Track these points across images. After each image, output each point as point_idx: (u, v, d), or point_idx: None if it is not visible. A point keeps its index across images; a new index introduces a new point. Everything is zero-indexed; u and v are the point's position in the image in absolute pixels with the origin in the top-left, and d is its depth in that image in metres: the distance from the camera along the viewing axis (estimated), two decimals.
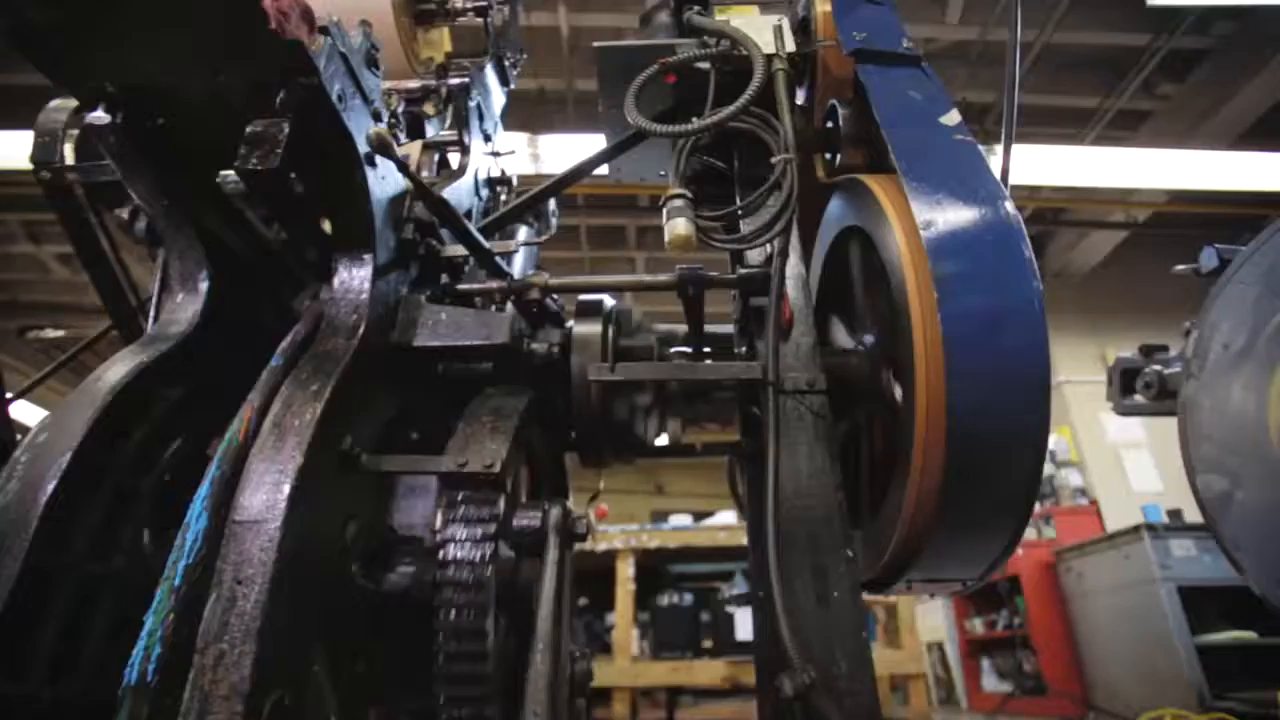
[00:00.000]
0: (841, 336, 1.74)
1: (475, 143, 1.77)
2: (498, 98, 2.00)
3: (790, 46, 1.64)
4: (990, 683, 7.01)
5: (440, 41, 2.06)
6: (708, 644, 5.21)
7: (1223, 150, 5.72)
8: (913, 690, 4.80)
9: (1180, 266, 2.94)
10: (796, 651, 1.11)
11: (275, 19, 0.92)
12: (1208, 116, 5.64)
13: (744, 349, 1.65)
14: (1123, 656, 5.12)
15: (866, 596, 1.57)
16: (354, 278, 1.24)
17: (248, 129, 1.08)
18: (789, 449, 1.36)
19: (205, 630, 0.87)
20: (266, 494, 0.95)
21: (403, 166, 1.20)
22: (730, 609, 5.17)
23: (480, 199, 1.80)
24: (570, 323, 1.54)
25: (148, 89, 1.13)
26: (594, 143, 5.32)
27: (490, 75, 1.93)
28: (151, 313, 1.49)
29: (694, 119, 1.49)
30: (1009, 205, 1.23)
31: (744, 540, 5.48)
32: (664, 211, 1.37)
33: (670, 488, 14.68)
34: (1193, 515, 5.50)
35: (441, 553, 1.09)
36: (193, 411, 1.30)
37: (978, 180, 1.29)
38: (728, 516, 6.66)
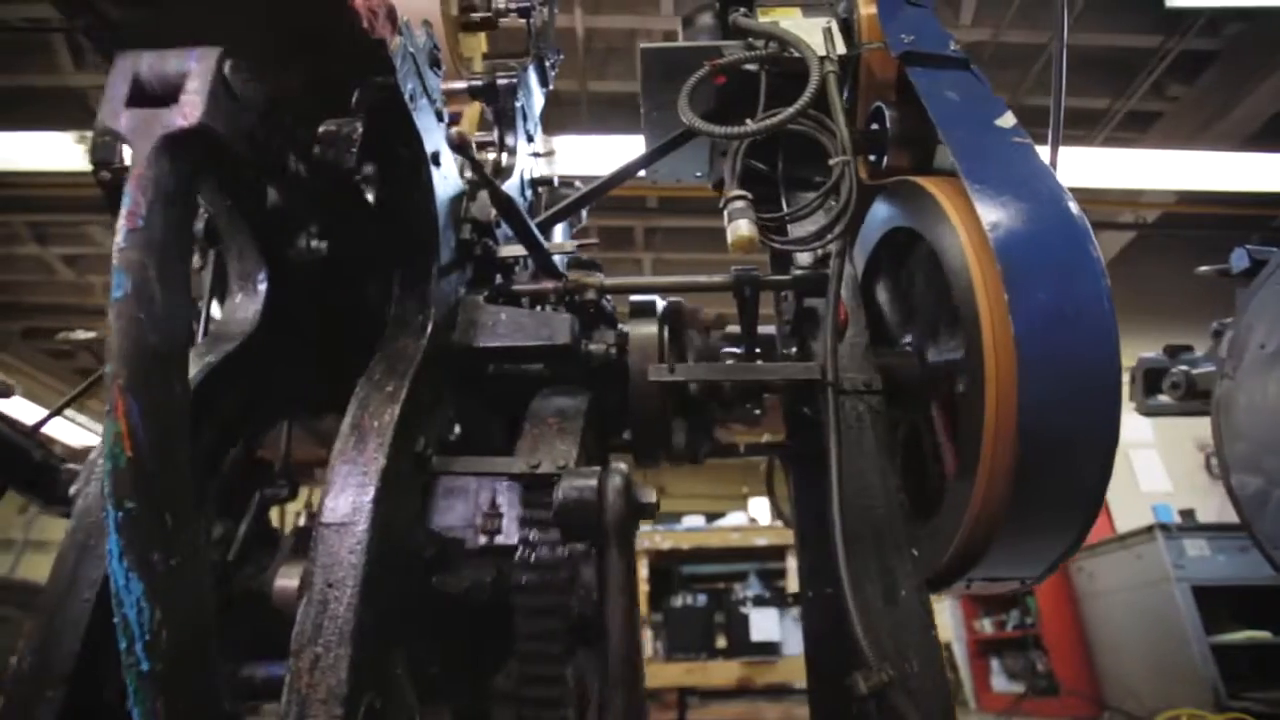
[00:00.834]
0: (882, 337, 1.74)
1: (520, 143, 1.77)
2: (538, 99, 2.00)
3: (841, 49, 1.64)
4: (1000, 683, 7.02)
5: (477, 42, 2.06)
6: (721, 645, 5.21)
7: (1232, 151, 5.74)
8: None
9: (1205, 268, 2.94)
10: (872, 649, 1.11)
11: (367, 18, 0.92)
12: (1217, 118, 5.66)
13: (793, 349, 1.65)
14: (1136, 656, 5.13)
15: None
16: (416, 278, 1.24)
17: (320, 128, 1.07)
18: (849, 449, 1.36)
19: (299, 634, 0.86)
20: (352, 496, 0.95)
21: (477, 167, 1.20)
22: (745, 610, 5.17)
23: (525, 199, 1.80)
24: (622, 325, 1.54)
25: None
26: (607, 144, 5.35)
27: (532, 76, 1.93)
28: (203, 313, 1.48)
29: (747, 120, 1.50)
30: (1074, 204, 1.24)
31: (757, 541, 5.51)
32: (725, 213, 1.37)
33: (672, 489, 14.68)
34: (1204, 515, 5.51)
35: (520, 555, 1.09)
36: (251, 413, 1.30)
37: (1040, 181, 1.29)
38: (739, 517, 6.67)
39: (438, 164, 1.22)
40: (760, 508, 8.56)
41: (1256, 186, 5.63)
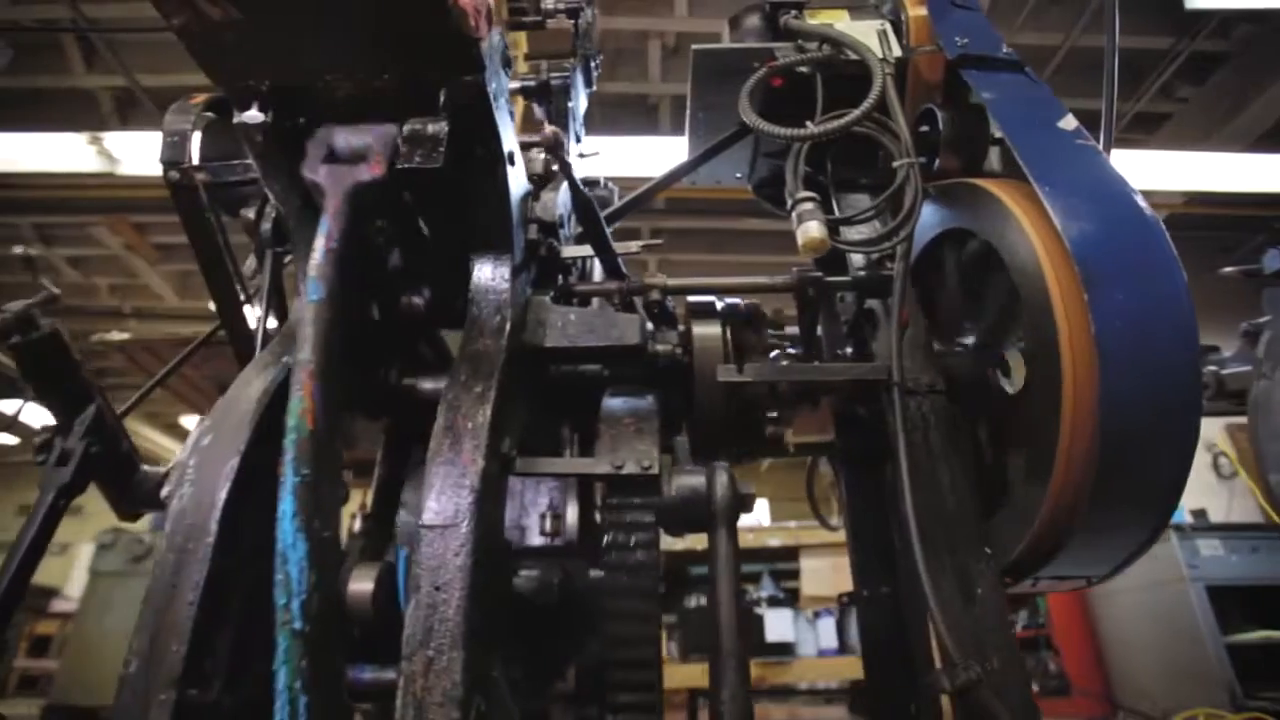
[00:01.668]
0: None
1: (570, 143, 1.77)
2: (583, 100, 2.00)
3: (897, 51, 1.65)
4: None
5: (519, 42, 2.07)
6: None
7: (1242, 153, 5.77)
8: None
9: (1230, 269, 2.96)
10: (956, 647, 1.12)
11: (473, 17, 0.93)
12: (1227, 119, 5.69)
13: (848, 350, 1.66)
14: (1150, 656, 5.15)
15: None
16: (495, 278, 1.24)
17: (406, 128, 1.07)
18: (916, 448, 1.37)
19: (410, 636, 0.87)
20: (452, 497, 0.95)
21: (565, 166, 1.20)
22: (759, 610, 5.18)
23: None
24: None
25: (299, 88, 1.12)
26: (617, 145, 5.35)
27: (579, 77, 1.93)
28: (262, 312, 1.48)
29: (808, 123, 1.50)
30: (1146, 205, 1.24)
31: (770, 542, 5.51)
32: (794, 215, 1.37)
33: None
34: (1214, 515, 5.54)
35: (609, 556, 1.09)
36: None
37: (1110, 182, 1.30)
38: (749, 518, 6.67)
39: (512, 163, 1.23)
40: (761, 510, 8.57)
41: (1266, 188, 5.66)
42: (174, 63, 5.74)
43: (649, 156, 4.82)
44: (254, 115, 1.11)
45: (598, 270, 1.77)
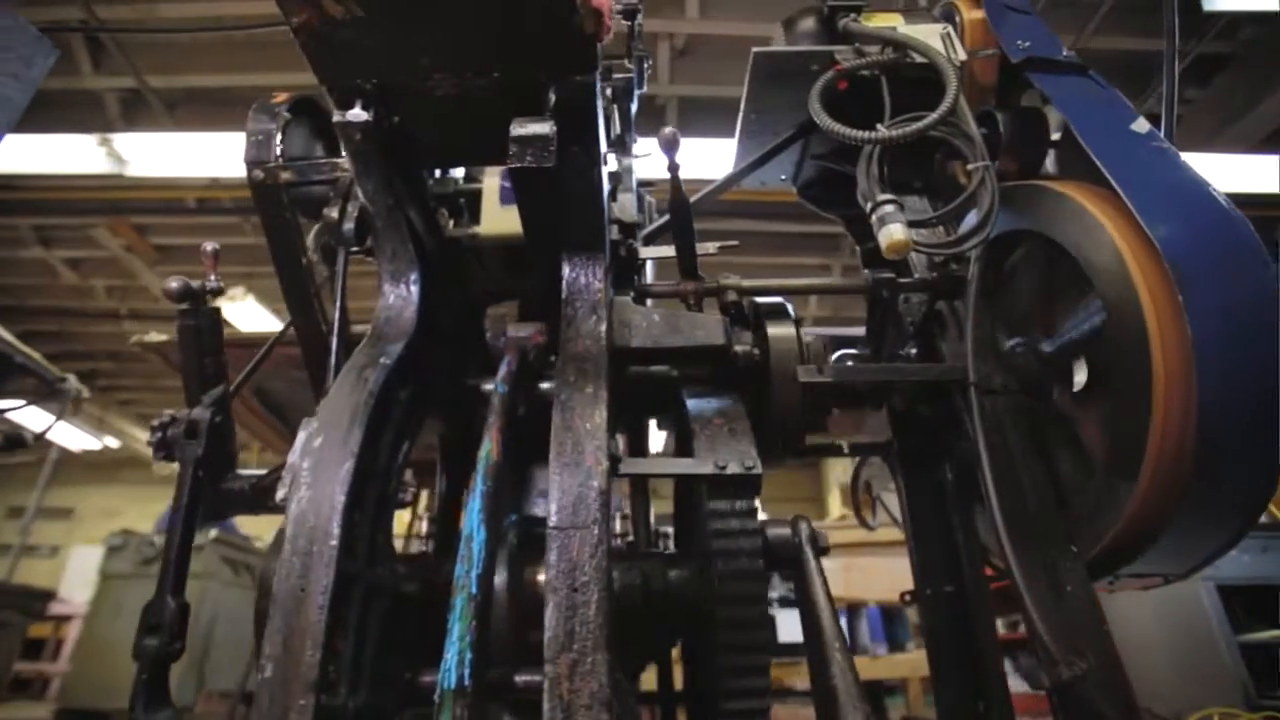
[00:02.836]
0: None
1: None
2: (635, 101, 2.01)
3: (962, 55, 1.66)
4: (1015, 684, 7.05)
5: None
6: None
7: (1248, 154, 5.83)
8: None
9: None
10: (1055, 644, 1.13)
11: (608, 16, 0.93)
12: (1233, 120, 5.74)
13: (914, 350, 1.67)
14: (1161, 655, 5.17)
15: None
16: (589, 278, 1.25)
17: (514, 129, 1.07)
18: (996, 448, 1.38)
19: (552, 638, 0.87)
20: (579, 499, 0.95)
21: (674, 168, 1.20)
22: (772, 610, 5.18)
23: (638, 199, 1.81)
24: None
25: (400, 87, 1.12)
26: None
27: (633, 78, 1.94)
28: (337, 312, 1.47)
29: (878, 126, 1.51)
30: (1233, 208, 1.26)
31: None
32: (875, 217, 1.38)
33: (665, 489, 14.64)
34: None
35: (715, 552, 1.10)
36: (414, 413, 1.31)
37: (1195, 184, 1.32)
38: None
39: (605, 163, 1.23)
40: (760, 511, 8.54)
41: (1271, 189, 5.72)
42: (184, 63, 5.72)
43: (656, 157, 4.81)
44: (358, 114, 1.11)
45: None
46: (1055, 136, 1.72)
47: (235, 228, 7.69)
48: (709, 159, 5.21)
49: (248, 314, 8.28)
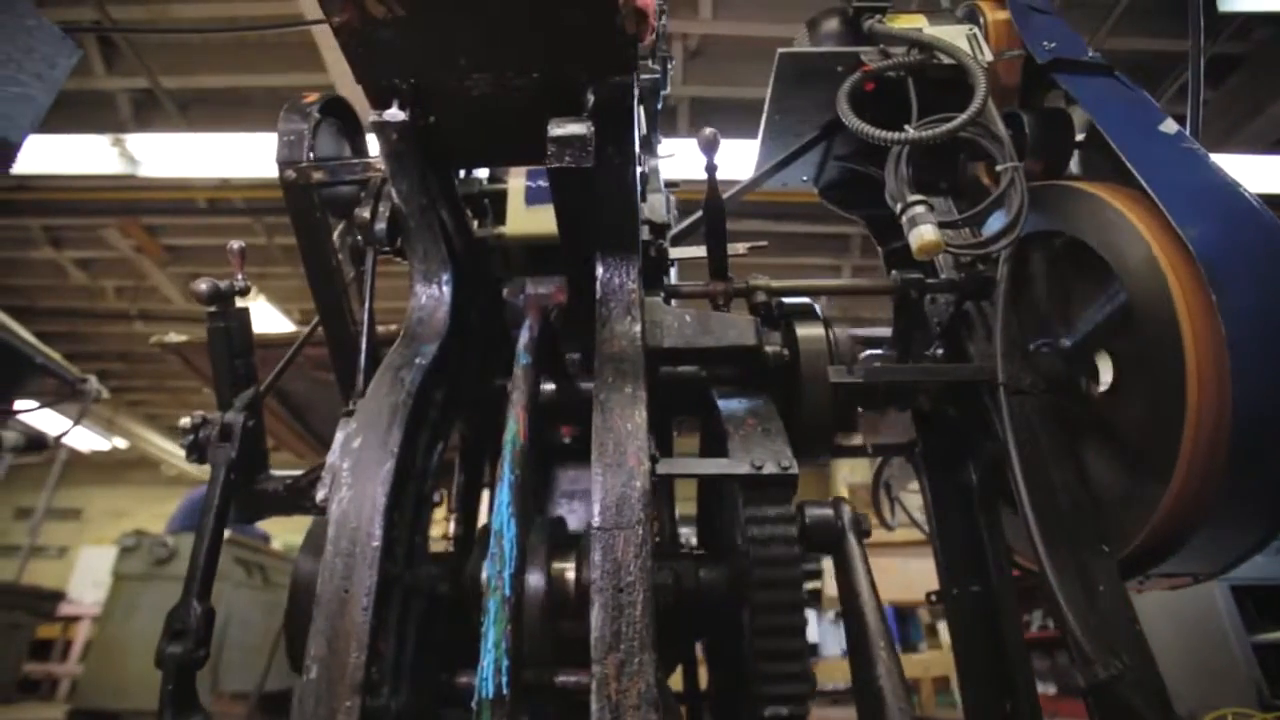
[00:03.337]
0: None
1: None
2: (660, 101, 2.01)
3: (988, 56, 1.66)
4: None
5: None
6: None
7: (1260, 155, 5.81)
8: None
9: None
10: (1090, 644, 1.13)
11: (652, 17, 0.93)
12: (1245, 121, 5.72)
13: (940, 351, 1.67)
14: (1175, 656, 5.15)
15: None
16: (623, 278, 1.25)
17: (552, 129, 1.07)
18: (1026, 448, 1.38)
19: (599, 639, 0.87)
20: (622, 500, 0.95)
21: (712, 170, 1.20)
22: None
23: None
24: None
25: (437, 87, 1.12)
26: None
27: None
28: (366, 313, 1.48)
29: (906, 127, 1.51)
30: (1265, 209, 1.26)
31: None
32: (906, 219, 1.38)
33: (683, 490, 14.62)
34: None
35: (753, 553, 1.10)
36: (447, 413, 1.31)
37: (1226, 185, 1.32)
38: None
39: (639, 164, 1.23)
40: None
41: None
42: (196, 64, 5.73)
43: (676, 158, 4.82)
44: (395, 113, 1.11)
45: None
46: (1079, 137, 1.72)
47: (246, 228, 7.70)
48: (723, 159, 5.20)
49: (259, 314, 8.30)
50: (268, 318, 8.41)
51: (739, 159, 5.27)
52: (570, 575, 1.04)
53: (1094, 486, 1.48)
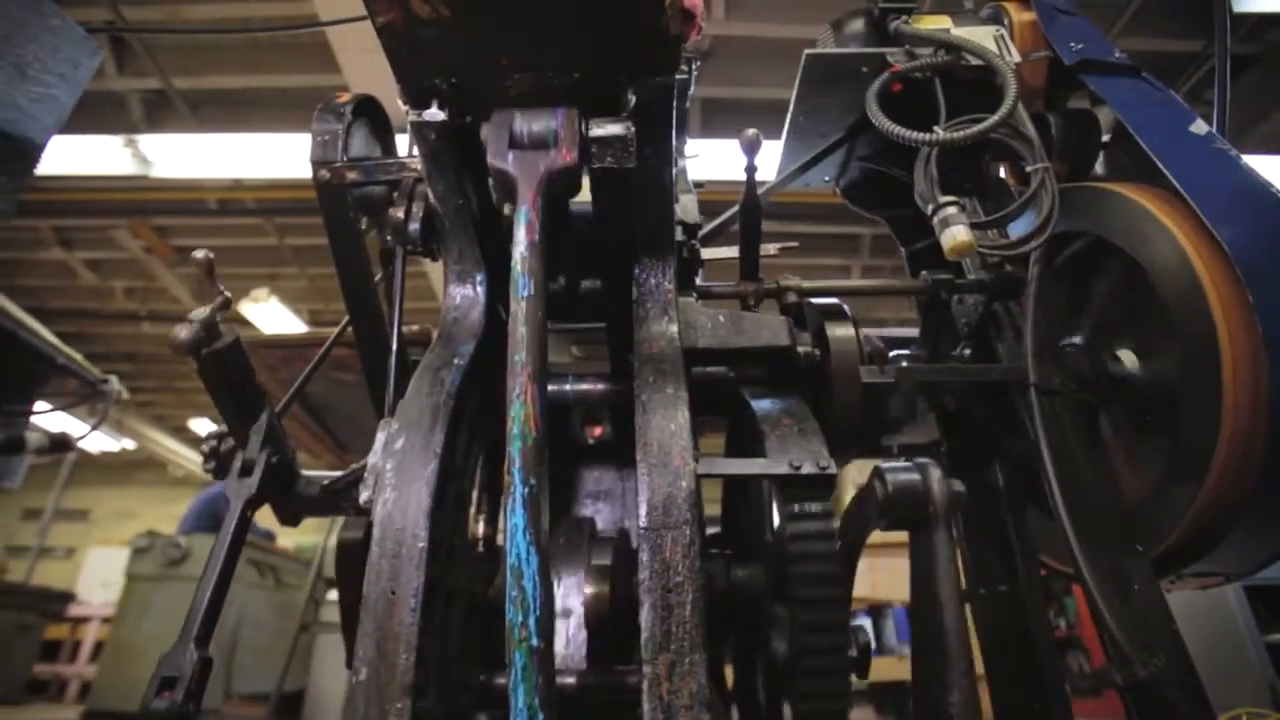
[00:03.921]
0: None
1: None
2: (688, 102, 2.01)
3: (1016, 57, 1.66)
4: None
5: None
6: None
7: (1272, 155, 5.80)
8: None
9: None
10: (1129, 641, 1.13)
11: (700, 18, 0.94)
12: (1257, 122, 5.73)
13: (967, 351, 1.67)
14: None
15: None
16: (659, 278, 1.26)
17: (593, 129, 1.07)
18: (1057, 448, 1.38)
19: (649, 639, 0.87)
20: (670, 499, 0.95)
21: (752, 170, 1.21)
22: None
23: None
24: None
25: (477, 87, 1.12)
26: None
27: None
28: (396, 313, 1.48)
29: (936, 129, 1.52)
30: None
31: None
32: (937, 220, 1.39)
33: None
34: None
35: (792, 550, 1.10)
36: (483, 414, 1.32)
37: (1257, 186, 1.32)
38: None
39: (675, 164, 1.24)
40: None
41: None
42: (208, 64, 5.76)
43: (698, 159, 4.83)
44: (434, 113, 1.11)
45: None
46: (1105, 138, 1.73)
47: (257, 229, 7.73)
48: (736, 160, 5.21)
49: (271, 315, 8.32)
50: (279, 318, 8.43)
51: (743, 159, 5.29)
52: (606, 587, 1.02)
53: (1123, 486, 1.49)
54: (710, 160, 4.55)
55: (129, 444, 13.57)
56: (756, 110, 5.27)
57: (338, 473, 1.30)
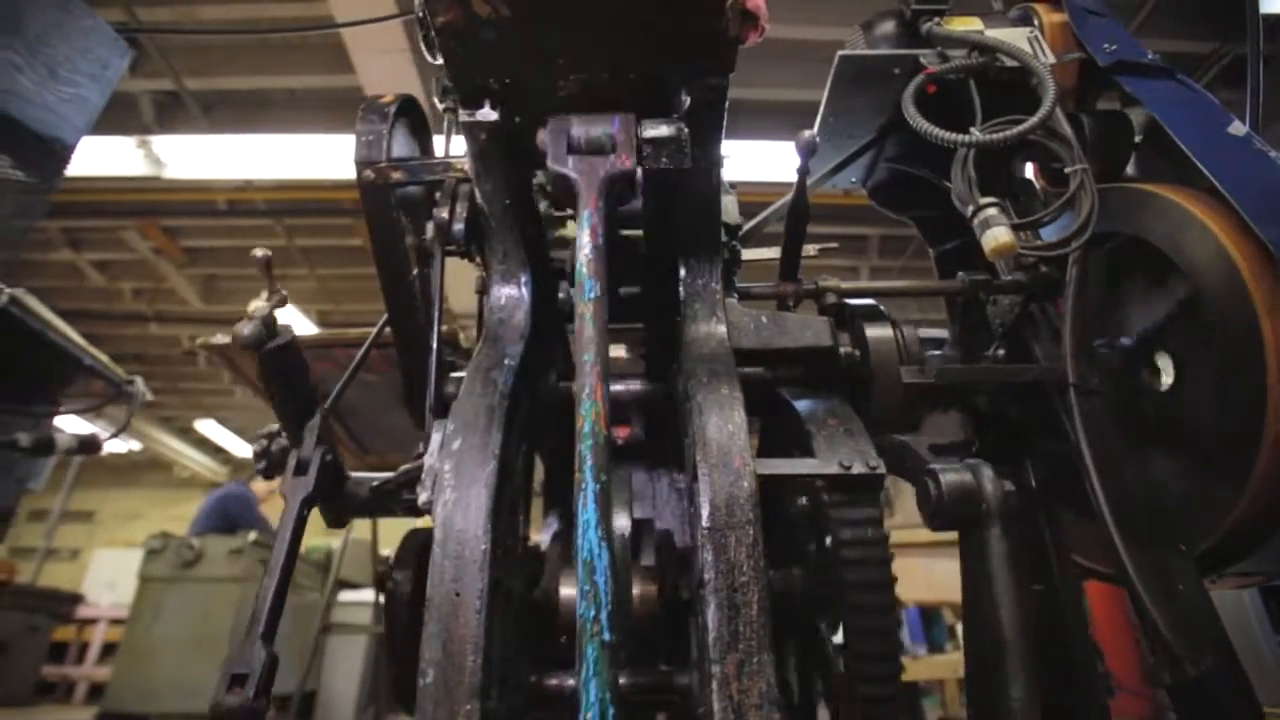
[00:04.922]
0: None
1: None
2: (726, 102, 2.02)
3: (1051, 59, 1.67)
4: None
5: None
6: None
7: None
8: None
9: None
10: (1177, 640, 1.14)
11: (763, 20, 0.94)
12: (1269, 122, 5.71)
13: (1001, 351, 1.68)
14: None
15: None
16: (706, 279, 1.26)
17: (645, 130, 1.07)
18: (1097, 449, 1.39)
19: (717, 639, 0.87)
20: (730, 500, 0.95)
21: (804, 173, 1.22)
22: None
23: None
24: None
25: (530, 88, 1.12)
26: None
27: None
28: (436, 313, 1.48)
29: (972, 130, 1.52)
30: None
31: None
32: (977, 221, 1.39)
33: None
34: None
35: (843, 553, 1.11)
36: (532, 415, 1.32)
37: None
38: None
39: (720, 166, 1.25)
40: None
41: None
42: (220, 65, 5.77)
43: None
44: (487, 113, 1.11)
45: None
46: (1138, 138, 1.73)
47: (267, 230, 7.74)
48: (750, 161, 5.23)
49: (280, 316, 8.31)
50: (288, 319, 8.41)
51: (758, 160, 5.29)
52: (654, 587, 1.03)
53: (1162, 486, 1.49)
54: (728, 162, 4.55)
55: (135, 445, 13.58)
56: (766, 111, 5.28)
57: (387, 474, 1.30)
